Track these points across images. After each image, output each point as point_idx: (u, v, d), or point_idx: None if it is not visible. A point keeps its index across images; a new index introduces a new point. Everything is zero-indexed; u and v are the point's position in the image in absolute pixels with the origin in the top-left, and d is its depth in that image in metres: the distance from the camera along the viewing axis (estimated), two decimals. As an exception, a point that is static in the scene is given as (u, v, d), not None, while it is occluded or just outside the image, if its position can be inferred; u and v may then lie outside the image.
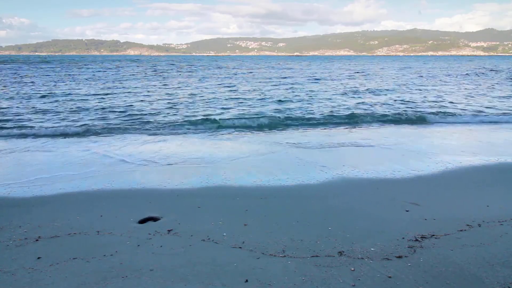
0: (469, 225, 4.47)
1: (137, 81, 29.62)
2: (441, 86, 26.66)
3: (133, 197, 5.57)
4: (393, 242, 4.03)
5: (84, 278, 3.35)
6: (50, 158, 7.97)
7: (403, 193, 5.65)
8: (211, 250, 3.88)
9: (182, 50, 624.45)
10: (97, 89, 23.25)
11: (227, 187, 6.02)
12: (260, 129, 11.59)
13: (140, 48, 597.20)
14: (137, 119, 13.03)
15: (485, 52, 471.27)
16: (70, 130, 10.88)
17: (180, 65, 65.77)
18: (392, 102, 17.82)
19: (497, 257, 3.70)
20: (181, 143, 9.61)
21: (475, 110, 15.12)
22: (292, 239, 4.11)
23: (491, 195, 5.59)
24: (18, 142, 9.57)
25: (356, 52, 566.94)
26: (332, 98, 19.39)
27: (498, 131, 11.22)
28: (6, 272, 3.46)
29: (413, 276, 3.38)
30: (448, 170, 6.94)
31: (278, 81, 30.29)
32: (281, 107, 16.03)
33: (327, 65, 68.22)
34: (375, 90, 23.41)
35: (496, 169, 7.10)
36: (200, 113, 14.34)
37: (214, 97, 19.46)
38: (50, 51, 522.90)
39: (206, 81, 30.42)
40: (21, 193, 5.73)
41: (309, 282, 3.28)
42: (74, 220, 4.67)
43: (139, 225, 4.58)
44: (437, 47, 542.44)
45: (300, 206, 5.13)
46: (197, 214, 4.87)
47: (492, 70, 46.87)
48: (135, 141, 9.68)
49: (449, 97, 19.60)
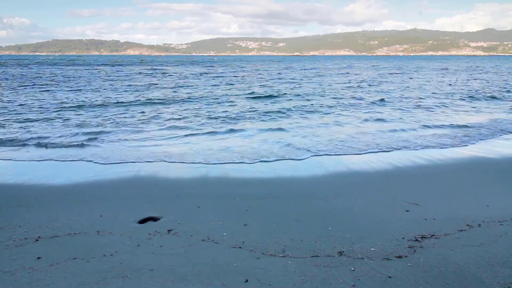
0: (469, 225, 4.47)
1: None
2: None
3: (133, 197, 5.57)
4: (393, 242, 4.03)
5: (84, 278, 3.35)
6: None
7: (403, 193, 5.65)
8: (211, 250, 3.88)
9: (182, 50, 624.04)
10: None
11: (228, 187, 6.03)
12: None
13: (140, 48, 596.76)
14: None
15: (485, 52, 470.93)
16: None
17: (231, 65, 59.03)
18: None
19: (497, 257, 3.70)
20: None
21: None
22: (292, 239, 4.10)
23: (491, 195, 5.59)
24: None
25: (356, 52, 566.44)
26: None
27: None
28: (6, 272, 3.46)
29: (413, 276, 3.38)
30: (448, 170, 6.94)
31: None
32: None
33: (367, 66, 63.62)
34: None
35: (496, 169, 7.10)
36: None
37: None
38: (50, 51, 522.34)
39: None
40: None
41: (309, 282, 3.28)
42: (74, 220, 4.67)
43: (139, 225, 4.58)
44: (437, 47, 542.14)
45: (300, 206, 5.13)
46: (197, 214, 4.87)
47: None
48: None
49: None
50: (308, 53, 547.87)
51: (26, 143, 9.36)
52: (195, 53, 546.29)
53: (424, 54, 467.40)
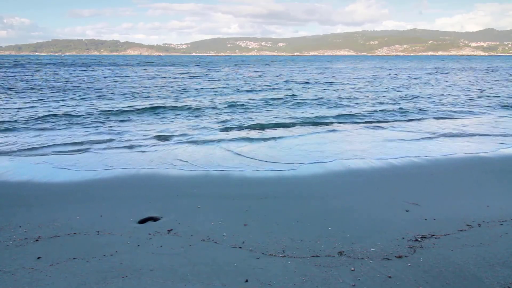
0: (469, 225, 4.47)
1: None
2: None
3: (133, 197, 5.57)
4: (393, 242, 4.03)
5: (84, 278, 3.35)
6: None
7: (403, 193, 5.65)
8: (211, 250, 3.88)
9: (182, 50, 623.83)
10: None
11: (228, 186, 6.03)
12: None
13: (140, 48, 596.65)
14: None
15: (485, 52, 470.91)
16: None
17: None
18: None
19: (497, 257, 3.70)
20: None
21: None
22: (292, 239, 4.10)
23: (491, 195, 5.59)
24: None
25: (356, 52, 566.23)
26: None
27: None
28: (6, 272, 3.46)
29: (413, 276, 3.37)
30: (448, 170, 6.94)
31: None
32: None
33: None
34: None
35: (496, 169, 7.10)
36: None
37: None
38: (50, 51, 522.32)
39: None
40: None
41: (309, 282, 3.28)
42: (74, 220, 4.67)
43: (139, 225, 4.58)
44: (437, 47, 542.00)
45: (300, 206, 5.13)
46: (197, 214, 4.87)
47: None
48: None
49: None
50: (308, 53, 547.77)
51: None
52: (195, 53, 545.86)
53: (424, 54, 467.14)
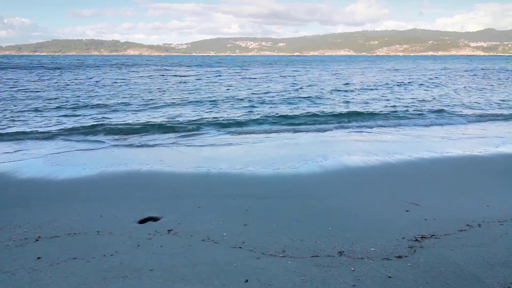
0: (469, 225, 4.47)
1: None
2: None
3: (133, 197, 5.57)
4: (393, 242, 4.03)
5: (84, 278, 3.35)
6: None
7: (403, 193, 5.65)
8: (211, 250, 3.88)
9: (182, 50, 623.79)
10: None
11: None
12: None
13: (140, 48, 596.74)
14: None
15: (485, 52, 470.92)
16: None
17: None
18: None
19: (497, 257, 3.70)
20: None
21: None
22: (292, 239, 4.10)
23: (491, 195, 5.59)
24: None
25: (356, 52, 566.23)
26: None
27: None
28: (6, 272, 3.46)
29: (413, 276, 3.37)
30: (448, 170, 6.94)
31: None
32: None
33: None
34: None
35: (496, 169, 7.10)
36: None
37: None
38: (50, 51, 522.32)
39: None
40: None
41: (309, 282, 3.28)
42: (74, 220, 4.67)
43: (139, 225, 4.58)
44: (437, 47, 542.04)
45: (300, 206, 5.13)
46: (197, 214, 4.87)
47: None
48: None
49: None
50: (308, 53, 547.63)
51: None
52: (195, 53, 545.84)
53: (424, 54, 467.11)
